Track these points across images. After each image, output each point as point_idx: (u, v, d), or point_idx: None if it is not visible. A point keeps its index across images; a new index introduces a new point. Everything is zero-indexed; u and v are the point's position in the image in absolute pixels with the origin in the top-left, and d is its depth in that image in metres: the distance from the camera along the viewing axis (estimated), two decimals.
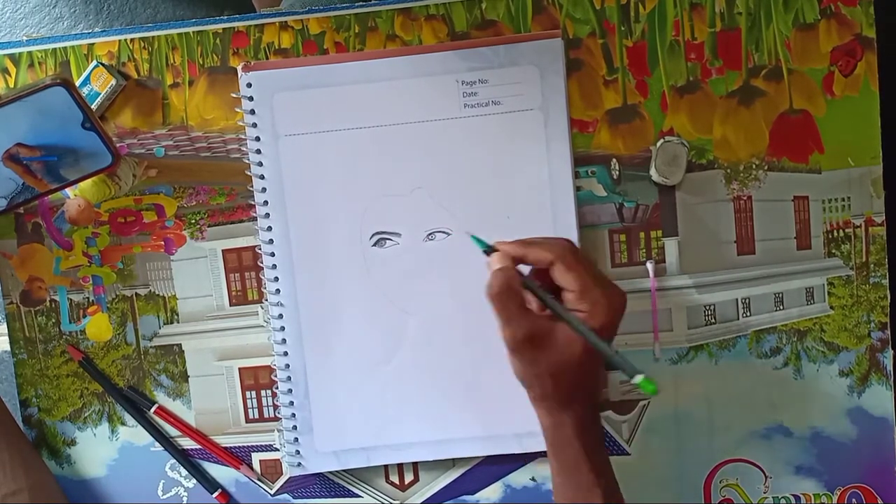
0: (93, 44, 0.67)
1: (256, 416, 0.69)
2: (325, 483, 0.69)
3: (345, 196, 0.66)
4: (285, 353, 0.67)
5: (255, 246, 0.67)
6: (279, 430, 0.68)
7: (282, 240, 0.66)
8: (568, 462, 0.56)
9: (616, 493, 0.57)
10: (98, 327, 0.69)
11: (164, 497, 0.69)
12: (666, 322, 0.67)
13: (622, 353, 0.52)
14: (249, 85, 0.66)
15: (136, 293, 0.68)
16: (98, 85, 0.65)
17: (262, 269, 0.67)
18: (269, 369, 0.68)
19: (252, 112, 0.66)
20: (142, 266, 0.68)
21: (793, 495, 0.68)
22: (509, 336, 0.53)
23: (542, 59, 0.65)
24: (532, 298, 0.55)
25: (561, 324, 0.53)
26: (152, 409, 0.68)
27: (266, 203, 0.66)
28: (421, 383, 0.67)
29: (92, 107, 0.63)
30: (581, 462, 0.55)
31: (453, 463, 0.69)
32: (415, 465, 0.69)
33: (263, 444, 0.69)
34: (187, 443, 0.69)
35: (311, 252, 0.66)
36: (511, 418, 0.65)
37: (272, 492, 0.69)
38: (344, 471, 0.69)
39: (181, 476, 0.69)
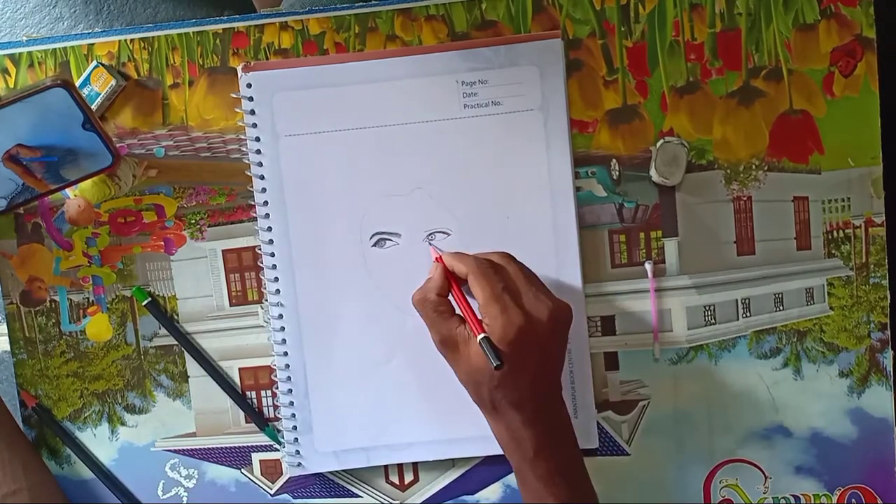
0: (93, 44, 0.67)
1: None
2: (324, 483, 0.69)
3: (345, 196, 0.66)
4: (285, 353, 0.67)
5: (255, 246, 0.67)
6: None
7: (282, 240, 0.66)
8: (515, 468, 0.58)
9: None
10: (98, 327, 0.69)
11: (164, 497, 0.69)
12: (666, 322, 0.67)
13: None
14: (249, 85, 0.66)
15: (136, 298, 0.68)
16: (98, 85, 0.65)
17: (262, 269, 0.67)
18: (269, 369, 0.68)
19: (252, 112, 0.66)
20: (142, 266, 0.68)
21: (793, 496, 0.68)
22: (433, 339, 0.59)
23: (542, 60, 0.65)
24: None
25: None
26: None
27: (266, 203, 0.66)
28: (421, 383, 0.67)
29: (92, 107, 0.63)
30: (525, 470, 0.57)
31: (453, 463, 0.69)
32: (415, 465, 0.69)
33: (263, 444, 0.69)
34: (188, 443, 0.69)
35: (311, 252, 0.66)
36: None
37: (272, 492, 0.69)
38: (344, 471, 0.69)
39: (181, 476, 0.69)
